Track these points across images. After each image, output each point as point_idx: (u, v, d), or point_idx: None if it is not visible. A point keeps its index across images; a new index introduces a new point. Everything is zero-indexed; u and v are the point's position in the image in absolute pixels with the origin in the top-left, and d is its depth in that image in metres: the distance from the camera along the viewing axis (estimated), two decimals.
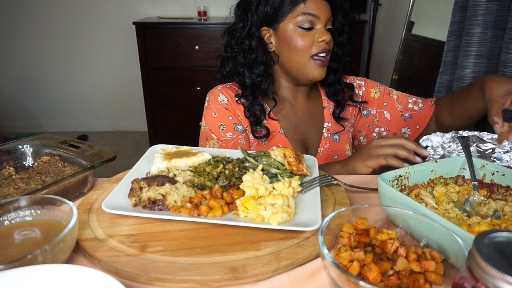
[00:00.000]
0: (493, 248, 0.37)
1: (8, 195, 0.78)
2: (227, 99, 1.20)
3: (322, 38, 1.10)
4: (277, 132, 1.22)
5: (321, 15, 1.09)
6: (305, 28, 1.10)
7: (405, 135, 1.25)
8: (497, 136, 0.92)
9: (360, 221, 0.61)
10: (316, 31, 1.11)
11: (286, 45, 1.13)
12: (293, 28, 1.11)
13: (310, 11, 1.09)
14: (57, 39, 3.79)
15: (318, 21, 1.10)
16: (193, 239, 0.67)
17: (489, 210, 0.76)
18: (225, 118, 1.19)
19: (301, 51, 1.11)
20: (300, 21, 1.09)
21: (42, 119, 4.10)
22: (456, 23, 1.37)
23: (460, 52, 1.35)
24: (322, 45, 1.11)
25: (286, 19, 1.11)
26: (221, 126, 1.18)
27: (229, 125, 1.19)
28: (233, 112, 1.20)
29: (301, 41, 1.11)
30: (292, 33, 1.11)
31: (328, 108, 1.29)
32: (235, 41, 1.18)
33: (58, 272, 0.50)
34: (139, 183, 0.77)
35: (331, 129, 1.28)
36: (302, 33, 1.10)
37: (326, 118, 1.29)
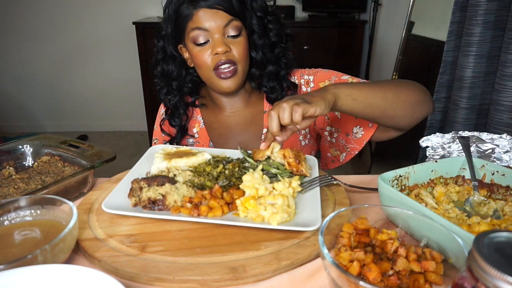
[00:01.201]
0: (493, 248, 0.37)
1: (8, 195, 0.78)
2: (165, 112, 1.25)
3: (216, 50, 1.04)
4: (207, 145, 1.21)
5: (211, 26, 1.03)
6: (200, 44, 1.05)
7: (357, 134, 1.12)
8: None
9: (360, 221, 0.61)
10: (211, 43, 1.05)
11: (193, 61, 1.11)
12: (191, 45, 1.07)
13: (197, 25, 1.03)
14: (57, 39, 3.79)
15: (209, 34, 1.04)
16: (193, 239, 0.67)
17: (489, 210, 0.76)
18: (159, 133, 1.26)
19: (202, 66, 1.08)
20: (193, 37, 1.05)
21: (42, 119, 4.10)
22: (456, 23, 1.37)
23: (460, 52, 1.35)
24: (216, 57, 1.05)
25: (185, 37, 1.08)
26: (155, 139, 1.29)
27: (160, 140, 1.27)
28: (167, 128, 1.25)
29: (199, 58, 1.07)
30: (192, 49, 1.08)
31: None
32: (154, 61, 1.19)
33: (58, 272, 0.50)
34: (139, 183, 0.77)
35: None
36: (198, 49, 1.06)
37: (265, 123, 1.20)
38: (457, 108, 1.38)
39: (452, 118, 1.41)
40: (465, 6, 1.32)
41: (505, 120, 1.26)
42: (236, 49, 1.06)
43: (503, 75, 1.23)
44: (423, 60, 2.48)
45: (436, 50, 2.10)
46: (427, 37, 2.39)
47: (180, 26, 1.08)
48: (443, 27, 1.74)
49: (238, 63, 1.07)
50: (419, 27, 2.45)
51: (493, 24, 1.26)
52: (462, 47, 1.34)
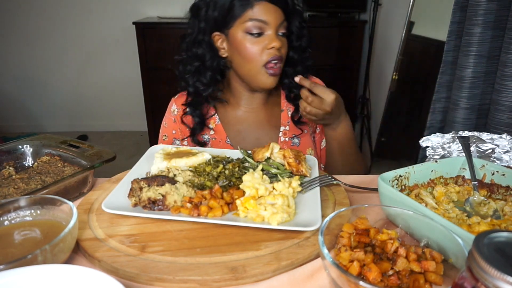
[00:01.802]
0: (493, 248, 0.37)
1: (8, 195, 0.78)
2: (178, 110, 1.22)
3: (272, 44, 1.04)
4: (224, 142, 1.20)
5: (271, 20, 1.04)
6: (254, 34, 1.05)
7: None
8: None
9: (360, 221, 0.61)
10: (266, 37, 1.05)
11: (237, 51, 1.09)
12: (242, 34, 1.06)
13: (258, 17, 1.03)
14: (57, 39, 3.79)
15: (267, 27, 1.05)
16: (193, 239, 0.67)
17: (489, 210, 0.76)
18: (170, 130, 1.24)
19: (252, 59, 1.07)
20: (249, 27, 1.04)
21: (42, 119, 4.10)
22: (456, 23, 1.37)
23: (460, 52, 1.35)
24: (273, 52, 1.06)
25: (235, 25, 1.06)
26: (164, 136, 1.25)
27: (170, 138, 1.24)
28: (178, 124, 1.22)
29: (251, 48, 1.06)
30: (241, 39, 1.06)
31: (287, 111, 1.25)
32: (185, 46, 1.16)
33: (58, 272, 0.50)
34: (139, 183, 0.77)
35: (288, 133, 1.23)
36: (251, 40, 1.05)
37: (283, 121, 1.24)
38: (457, 108, 1.38)
39: (452, 118, 1.41)
40: (465, 6, 1.32)
41: (505, 120, 1.26)
42: (284, 48, 1.09)
43: (503, 75, 1.23)
44: (423, 60, 2.48)
45: (436, 50, 2.10)
46: (427, 37, 2.39)
47: (232, 13, 1.06)
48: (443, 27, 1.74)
49: (282, 63, 1.11)
50: (419, 27, 2.45)
51: (493, 24, 1.26)
52: (462, 47, 1.34)
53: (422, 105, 2.31)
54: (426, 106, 1.98)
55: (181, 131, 1.22)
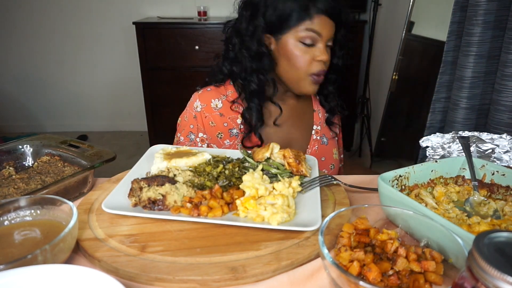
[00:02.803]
0: (493, 248, 0.37)
1: (8, 195, 0.78)
2: (201, 106, 1.21)
3: (321, 57, 1.08)
4: (253, 135, 1.20)
5: (324, 34, 1.07)
6: (306, 44, 1.08)
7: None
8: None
9: (360, 221, 0.61)
10: (316, 48, 1.09)
11: (286, 57, 1.11)
12: (294, 42, 1.09)
13: (314, 28, 1.06)
14: (57, 39, 3.79)
15: (320, 39, 1.08)
16: (193, 239, 0.67)
17: (489, 210, 0.76)
18: (188, 124, 1.23)
19: (300, 68, 1.10)
20: (303, 36, 1.07)
21: (42, 119, 4.10)
22: (456, 23, 1.37)
23: (460, 52, 1.35)
24: (320, 65, 1.10)
25: (290, 32, 1.09)
26: (183, 130, 1.24)
27: (186, 131, 1.23)
28: (199, 120, 1.20)
29: (301, 57, 1.09)
30: (293, 47, 1.09)
31: (318, 112, 1.30)
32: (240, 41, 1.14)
33: (58, 272, 0.50)
34: (139, 183, 0.77)
35: (320, 132, 1.28)
36: (303, 49, 1.08)
37: (315, 121, 1.29)
38: (457, 108, 1.37)
39: (452, 118, 1.40)
40: (465, 6, 1.32)
41: (505, 120, 1.26)
42: (329, 60, 1.12)
43: (503, 75, 1.23)
44: (423, 60, 2.48)
45: (436, 50, 2.10)
46: (427, 37, 2.39)
47: (290, 20, 1.08)
48: (443, 27, 1.74)
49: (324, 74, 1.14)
50: (419, 27, 2.45)
51: (493, 24, 1.26)
52: (462, 47, 1.34)
53: (422, 105, 2.31)
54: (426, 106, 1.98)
55: (199, 128, 1.21)
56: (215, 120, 1.20)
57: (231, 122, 1.21)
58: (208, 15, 3.61)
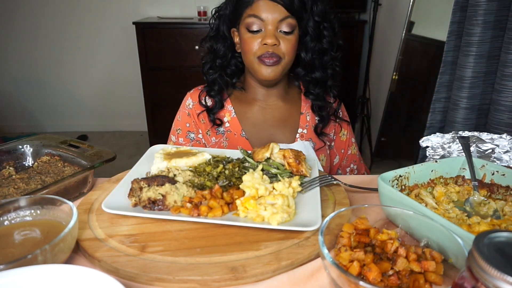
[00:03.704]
0: (493, 248, 0.37)
1: (8, 195, 0.78)
2: (193, 103, 1.25)
3: (264, 41, 1.08)
4: (239, 135, 1.21)
5: (267, 17, 1.07)
6: (252, 31, 1.09)
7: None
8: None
9: (360, 221, 0.61)
10: (263, 33, 1.09)
11: (241, 46, 1.15)
12: (244, 30, 1.11)
13: (254, 13, 1.07)
14: (57, 39, 3.79)
15: (263, 24, 1.08)
16: (193, 239, 0.67)
17: (489, 210, 0.76)
18: (184, 123, 1.25)
19: (248, 53, 1.11)
20: (247, 23, 1.09)
21: (42, 119, 4.10)
22: (456, 23, 1.37)
23: (460, 52, 1.35)
24: (264, 48, 1.08)
25: (241, 22, 1.12)
26: (178, 130, 1.26)
27: (184, 131, 1.25)
28: (193, 117, 1.25)
29: (248, 44, 1.10)
30: (242, 35, 1.12)
31: (306, 115, 1.25)
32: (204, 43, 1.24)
33: (58, 272, 0.50)
34: (139, 183, 0.77)
35: (305, 136, 1.24)
36: (249, 36, 1.10)
37: (301, 124, 1.24)
38: (457, 108, 1.37)
39: (452, 118, 1.40)
40: (465, 6, 1.32)
41: (505, 120, 1.26)
42: (285, 45, 1.10)
43: (503, 75, 1.23)
44: (423, 60, 2.48)
45: (436, 50, 2.10)
46: (427, 37, 2.39)
47: (238, 10, 1.12)
48: (443, 27, 1.74)
49: (283, 59, 1.12)
50: (419, 27, 2.45)
51: (493, 24, 1.26)
52: (462, 47, 1.34)
53: (422, 105, 2.31)
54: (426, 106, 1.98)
55: (196, 124, 1.25)
56: (205, 118, 1.24)
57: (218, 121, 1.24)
58: (208, 15, 3.61)
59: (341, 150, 1.32)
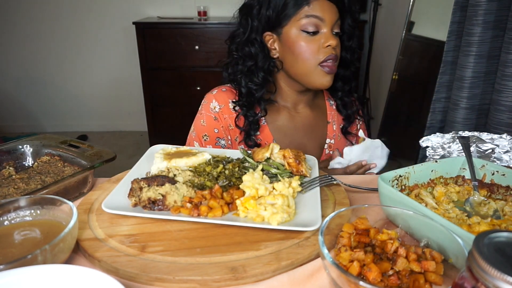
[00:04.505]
0: (493, 248, 0.37)
1: (8, 195, 0.78)
2: (220, 107, 1.15)
3: (328, 42, 1.02)
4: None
5: (327, 18, 1.01)
6: (309, 32, 1.02)
7: None
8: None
9: (360, 221, 0.61)
10: (321, 35, 1.03)
11: (291, 51, 1.06)
12: (296, 32, 1.03)
13: (314, 13, 1.01)
14: (57, 39, 3.79)
15: (323, 24, 1.02)
16: (193, 239, 0.67)
17: (489, 210, 0.76)
18: (211, 129, 1.15)
19: (307, 58, 1.04)
20: (304, 24, 1.02)
21: (42, 119, 4.10)
22: (456, 23, 1.37)
23: (460, 52, 1.35)
24: (329, 50, 1.03)
25: (290, 23, 1.04)
26: (205, 136, 1.15)
27: (212, 137, 1.15)
28: (222, 122, 1.15)
29: (306, 47, 1.02)
30: (296, 38, 1.03)
31: (332, 124, 1.23)
32: (235, 46, 1.13)
33: (58, 272, 0.50)
34: (139, 183, 0.77)
35: (333, 147, 1.22)
36: (307, 38, 1.02)
37: (329, 134, 1.22)
38: (457, 108, 1.38)
39: (452, 118, 1.41)
40: (465, 6, 1.32)
41: (505, 120, 1.26)
42: (338, 47, 1.06)
43: (503, 75, 1.23)
44: (423, 60, 2.48)
45: (436, 50, 2.10)
46: (427, 37, 2.39)
47: (287, 11, 1.03)
48: (443, 27, 1.74)
49: (337, 61, 1.08)
50: (419, 27, 2.45)
51: (493, 24, 1.26)
52: (462, 47, 1.34)
53: (422, 105, 2.31)
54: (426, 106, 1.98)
55: (225, 130, 1.15)
56: (233, 123, 1.15)
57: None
58: (208, 15, 3.61)
59: None
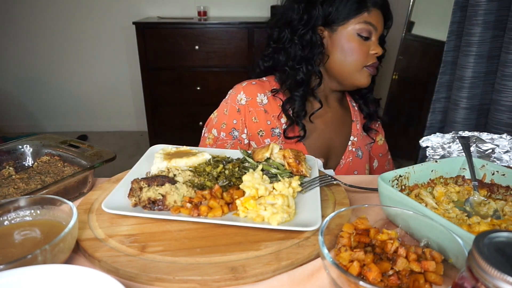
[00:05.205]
0: (493, 248, 0.37)
1: (8, 195, 0.78)
2: (246, 99, 1.17)
3: (376, 51, 1.11)
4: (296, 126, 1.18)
5: (379, 28, 1.11)
6: (363, 37, 1.10)
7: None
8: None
9: (360, 221, 0.61)
10: (371, 42, 1.11)
11: (341, 49, 1.12)
12: (352, 34, 1.10)
13: (371, 21, 1.09)
14: (57, 39, 3.79)
15: (375, 33, 1.11)
16: (193, 239, 0.67)
17: (489, 210, 0.76)
18: (231, 119, 1.18)
19: (356, 60, 1.11)
20: (360, 29, 1.09)
21: (42, 119, 4.10)
22: (456, 23, 1.37)
23: (460, 52, 1.35)
24: (373, 57, 1.12)
25: (347, 24, 1.10)
26: (223, 124, 1.18)
27: (228, 127, 1.18)
28: (243, 115, 1.17)
29: (358, 50, 1.10)
30: (350, 39, 1.10)
31: (356, 123, 1.28)
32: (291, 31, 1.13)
33: (58, 272, 0.50)
34: (139, 183, 0.77)
35: (356, 144, 1.26)
36: (360, 42, 1.10)
37: (353, 131, 1.27)
38: (457, 108, 1.38)
39: (452, 118, 1.41)
40: (465, 6, 1.32)
41: (505, 120, 1.26)
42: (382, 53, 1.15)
43: (503, 75, 1.23)
44: (423, 60, 2.48)
45: (436, 50, 2.10)
46: (427, 37, 2.39)
47: (348, 12, 1.09)
48: (443, 27, 1.74)
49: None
50: (419, 27, 2.45)
51: (493, 24, 1.26)
52: (462, 47, 1.34)
53: (422, 105, 2.31)
54: (426, 106, 1.98)
55: (243, 123, 1.18)
56: (259, 117, 1.17)
57: (274, 121, 1.18)
58: (208, 15, 3.61)
59: (378, 154, 1.35)
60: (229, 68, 3.27)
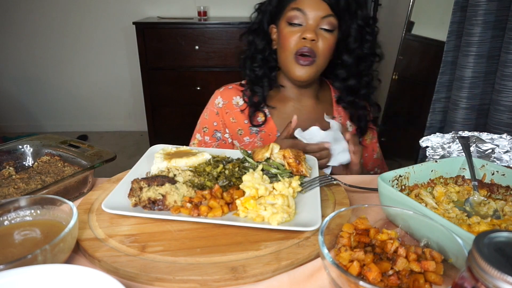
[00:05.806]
0: (493, 248, 0.37)
1: (8, 195, 0.78)
2: (223, 103, 1.24)
3: (304, 35, 1.05)
4: (274, 136, 1.21)
5: (310, 12, 1.06)
6: (292, 24, 1.08)
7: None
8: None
9: (360, 221, 0.61)
10: (303, 27, 1.07)
11: (279, 41, 1.13)
12: (284, 24, 1.10)
13: (298, 6, 1.06)
14: (57, 39, 3.79)
15: (305, 18, 1.06)
16: (193, 239, 0.67)
17: (489, 210, 0.76)
18: (211, 122, 1.24)
19: (285, 48, 1.09)
20: (289, 16, 1.08)
21: (42, 119, 4.10)
22: (456, 23, 1.37)
23: (460, 52, 1.35)
24: (302, 42, 1.06)
25: (282, 16, 1.11)
26: (205, 128, 1.24)
27: (210, 129, 1.24)
28: (221, 117, 1.23)
29: (287, 38, 1.08)
30: (283, 29, 1.10)
31: (338, 119, 1.26)
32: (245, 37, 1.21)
33: (58, 272, 0.50)
34: (139, 183, 0.77)
35: None
36: (289, 29, 1.08)
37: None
38: (457, 108, 1.37)
39: (452, 118, 1.40)
40: (465, 6, 1.32)
41: (505, 120, 1.26)
42: (322, 43, 1.08)
43: (503, 75, 1.23)
44: (423, 60, 2.48)
45: (436, 50, 2.10)
46: (427, 37, 2.40)
47: (282, 4, 1.11)
48: (443, 27, 1.74)
49: (318, 57, 1.09)
50: (419, 27, 2.45)
51: (493, 24, 1.26)
52: (462, 47, 1.34)
53: (422, 105, 2.31)
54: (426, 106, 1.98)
55: (224, 124, 1.23)
56: (236, 117, 1.22)
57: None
58: (208, 15, 3.61)
59: (364, 154, 1.31)
60: (229, 68, 3.27)
